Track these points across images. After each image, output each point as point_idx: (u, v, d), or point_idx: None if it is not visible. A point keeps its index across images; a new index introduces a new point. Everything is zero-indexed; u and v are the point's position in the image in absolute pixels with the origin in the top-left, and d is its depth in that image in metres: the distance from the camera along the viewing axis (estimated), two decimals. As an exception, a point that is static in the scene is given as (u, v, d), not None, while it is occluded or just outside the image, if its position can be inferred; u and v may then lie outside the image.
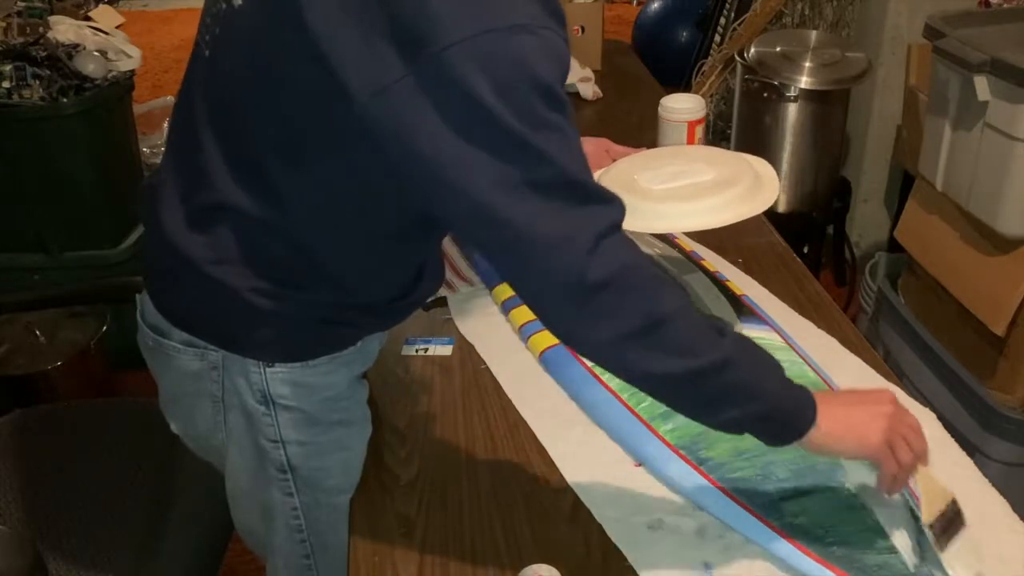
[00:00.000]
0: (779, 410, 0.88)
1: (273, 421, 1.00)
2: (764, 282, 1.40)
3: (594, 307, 0.81)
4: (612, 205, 0.82)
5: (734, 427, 0.89)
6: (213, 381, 1.00)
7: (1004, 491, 1.03)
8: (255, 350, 0.97)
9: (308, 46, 0.78)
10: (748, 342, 0.90)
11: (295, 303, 0.94)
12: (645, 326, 0.82)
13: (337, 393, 1.02)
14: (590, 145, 1.32)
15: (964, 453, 1.09)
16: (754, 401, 0.87)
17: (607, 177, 1.28)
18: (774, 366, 0.89)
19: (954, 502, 0.96)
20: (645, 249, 1.43)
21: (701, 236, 1.52)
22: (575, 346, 0.88)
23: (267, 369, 0.97)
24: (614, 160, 1.35)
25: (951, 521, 0.95)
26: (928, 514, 0.94)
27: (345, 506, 1.07)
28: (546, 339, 1.23)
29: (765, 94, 2.34)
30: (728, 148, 2.68)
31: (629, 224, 0.89)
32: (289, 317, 0.95)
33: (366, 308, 0.99)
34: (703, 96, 2.79)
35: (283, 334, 0.96)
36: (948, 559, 0.92)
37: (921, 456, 0.94)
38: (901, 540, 0.95)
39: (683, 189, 1.22)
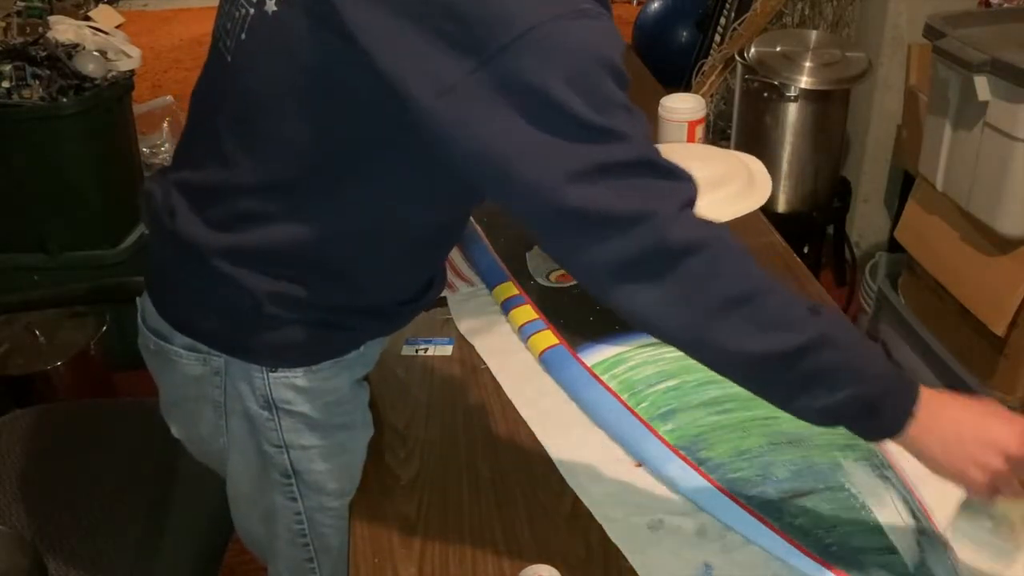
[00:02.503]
0: (879, 398, 0.80)
1: (276, 426, 1.00)
2: (764, 282, 1.40)
3: (679, 277, 0.77)
4: (686, 181, 0.80)
5: (829, 416, 0.82)
6: (215, 386, 0.99)
7: (1004, 491, 1.03)
8: (259, 355, 0.97)
9: (358, 54, 0.77)
10: (846, 322, 0.85)
11: (302, 307, 0.94)
12: (735, 297, 0.77)
13: (339, 397, 1.01)
14: None
15: (964, 453, 1.09)
16: (852, 385, 0.79)
17: None
18: (875, 349, 0.83)
19: None
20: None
21: (701, 236, 1.52)
22: (659, 327, 0.82)
23: (270, 374, 0.97)
24: None
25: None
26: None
27: (343, 508, 1.07)
28: (546, 339, 1.23)
29: (765, 94, 2.34)
30: (728, 148, 2.68)
31: None
32: (295, 321, 0.94)
33: (373, 311, 0.99)
34: (703, 96, 2.78)
35: (288, 339, 0.96)
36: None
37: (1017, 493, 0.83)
38: (902, 540, 0.95)
39: None
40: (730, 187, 1.20)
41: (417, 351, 1.27)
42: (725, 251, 0.79)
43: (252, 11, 0.87)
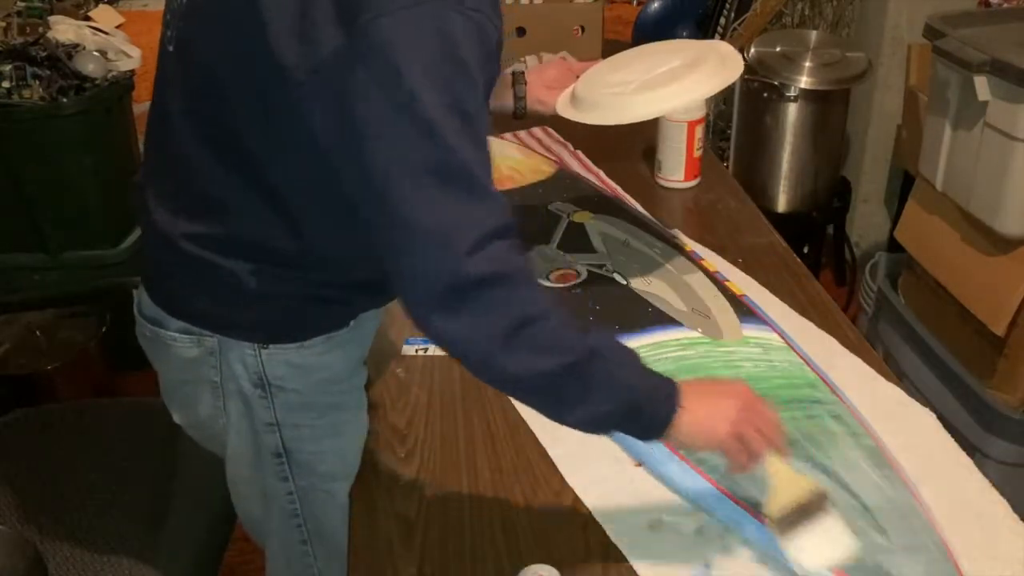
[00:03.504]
0: (647, 401, 0.88)
1: (269, 404, 1.02)
2: (764, 282, 1.40)
3: (468, 304, 0.80)
4: (502, 209, 0.82)
5: (603, 426, 0.90)
6: (211, 367, 1.01)
7: (1004, 491, 1.03)
8: (250, 332, 0.99)
9: (257, 25, 0.81)
10: (612, 338, 0.91)
11: (288, 283, 0.96)
12: (515, 326, 0.81)
13: (333, 375, 1.03)
14: (553, 69, 1.37)
15: (964, 453, 1.09)
16: (623, 392, 0.87)
17: (582, 84, 1.30)
18: (637, 359, 0.89)
19: (818, 494, 0.95)
20: (644, 249, 1.43)
21: (701, 236, 1.52)
22: (443, 343, 0.85)
23: (262, 351, 0.99)
24: (578, 76, 1.36)
25: (805, 512, 0.93)
26: (776, 506, 0.93)
27: (341, 494, 1.09)
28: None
29: (765, 94, 2.34)
30: (728, 148, 2.68)
31: (628, 117, 1.06)
32: (282, 297, 0.96)
33: (359, 286, 1.00)
34: (703, 96, 2.78)
35: (277, 314, 0.98)
36: (795, 550, 0.92)
37: (775, 448, 0.93)
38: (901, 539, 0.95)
39: (657, 77, 1.25)
40: (704, 67, 1.23)
41: (417, 351, 1.27)
42: (516, 282, 0.82)
43: (183, 1, 0.92)
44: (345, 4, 0.77)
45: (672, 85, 1.22)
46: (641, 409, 0.88)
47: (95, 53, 2.22)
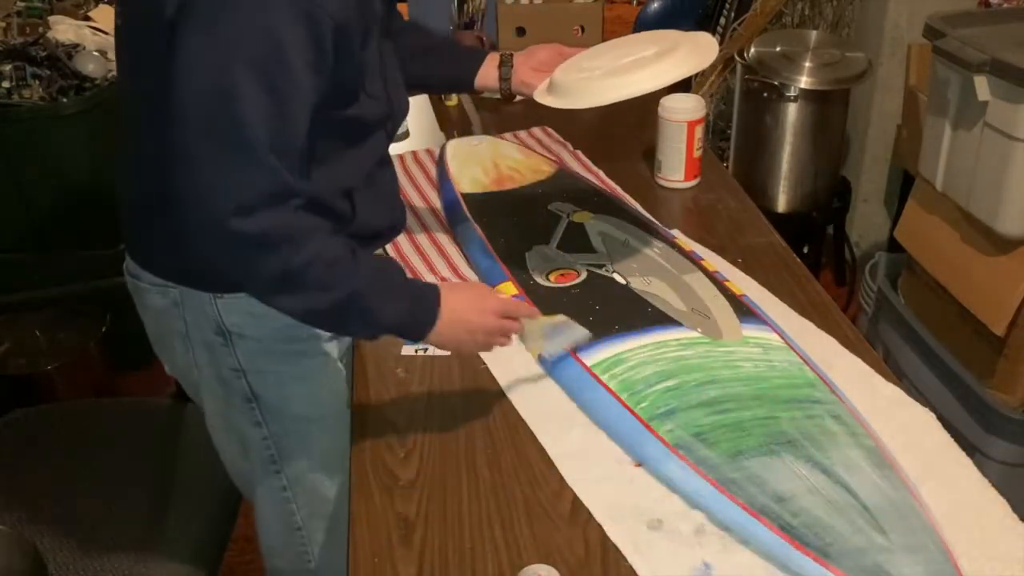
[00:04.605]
0: (407, 323, 1.05)
1: (232, 351, 1.09)
2: (764, 282, 1.40)
3: (232, 251, 0.92)
4: (279, 178, 0.92)
5: (373, 336, 1.11)
6: (177, 318, 1.09)
7: (1004, 491, 1.03)
8: (205, 283, 1.06)
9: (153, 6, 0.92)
10: (372, 271, 1.03)
11: None
12: (278, 277, 0.94)
13: (288, 323, 1.06)
14: (543, 51, 1.39)
15: (964, 453, 1.09)
16: (384, 318, 1.02)
17: (557, 74, 1.32)
18: (398, 284, 1.05)
19: (565, 320, 1.17)
20: (644, 249, 1.43)
21: (701, 236, 1.52)
22: (229, 278, 0.99)
23: (218, 300, 1.06)
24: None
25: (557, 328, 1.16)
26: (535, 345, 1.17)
27: (317, 438, 1.15)
28: (546, 339, 1.23)
29: (765, 94, 2.34)
30: (728, 148, 2.68)
31: (588, 102, 1.14)
32: None
33: None
34: (703, 96, 2.78)
35: None
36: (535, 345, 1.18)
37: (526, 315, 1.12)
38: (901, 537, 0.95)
39: (627, 64, 1.27)
40: (674, 55, 1.25)
41: (417, 351, 1.27)
42: (279, 242, 0.93)
43: None
44: None
45: (637, 72, 1.23)
46: (402, 326, 1.05)
47: (95, 53, 2.22)
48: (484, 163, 1.68)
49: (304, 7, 0.89)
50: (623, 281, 1.36)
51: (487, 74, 1.36)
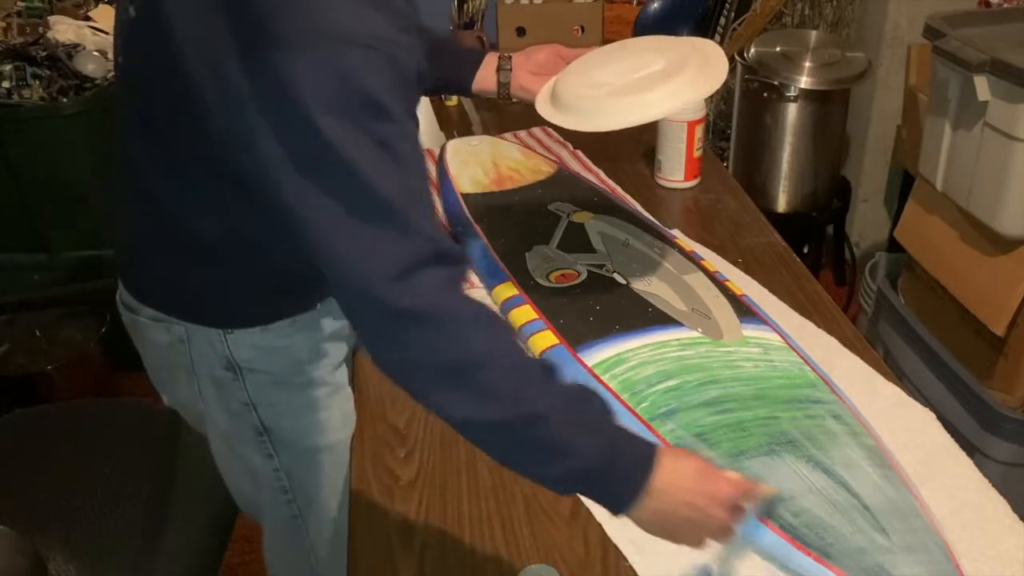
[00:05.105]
0: (605, 471, 0.80)
1: (242, 386, 1.04)
2: (764, 282, 1.40)
3: (396, 342, 0.77)
4: (430, 241, 0.78)
5: (557, 485, 0.83)
6: (182, 353, 1.04)
7: (1004, 491, 1.03)
8: (214, 319, 1.01)
9: (177, 53, 0.81)
10: (573, 396, 0.83)
11: (244, 272, 0.98)
12: (444, 368, 0.77)
13: (301, 355, 1.04)
14: (543, 53, 1.33)
15: (964, 453, 1.09)
16: (570, 459, 0.79)
17: (562, 79, 1.27)
18: (602, 422, 0.82)
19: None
20: (644, 249, 1.43)
21: (701, 236, 1.52)
22: (391, 378, 0.82)
23: (228, 336, 1.01)
24: (568, 63, 1.33)
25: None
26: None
27: (328, 464, 1.11)
28: (546, 339, 1.23)
29: (765, 94, 2.34)
30: (728, 148, 2.68)
31: (596, 126, 1.03)
32: (240, 285, 0.99)
33: (306, 268, 1.00)
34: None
35: (237, 302, 1.00)
36: None
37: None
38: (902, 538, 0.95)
39: (635, 82, 1.20)
40: (685, 72, 1.18)
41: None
42: (448, 320, 0.78)
43: (124, 16, 0.92)
44: (246, 42, 0.75)
45: (649, 92, 1.18)
46: (597, 480, 0.81)
47: (95, 53, 2.22)
48: (484, 163, 1.68)
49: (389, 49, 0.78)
50: (623, 281, 1.36)
51: (485, 77, 1.33)
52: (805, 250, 2.58)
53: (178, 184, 0.93)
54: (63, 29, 2.24)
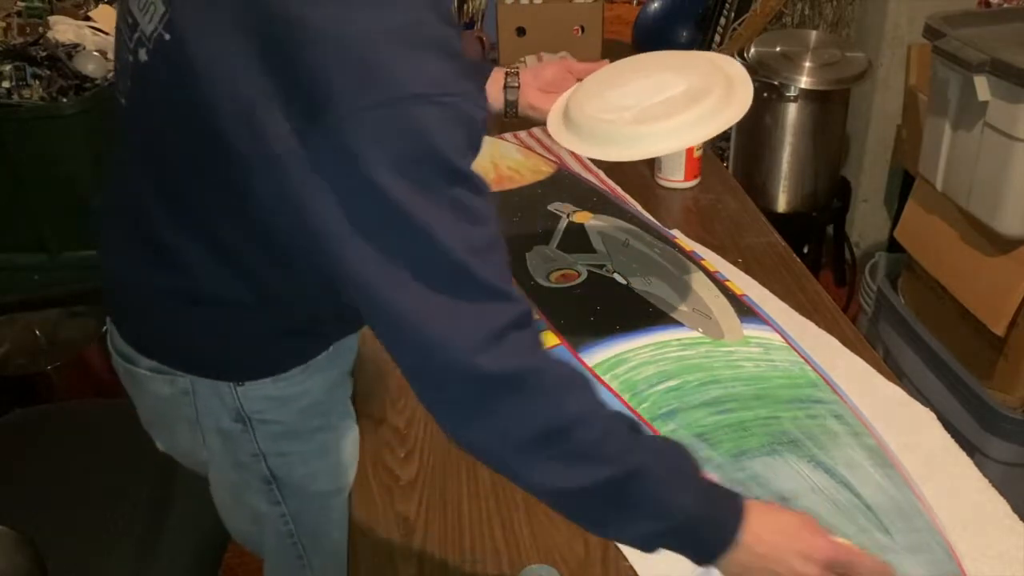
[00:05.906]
0: (697, 527, 0.77)
1: (252, 437, 0.98)
2: (764, 282, 1.40)
3: (485, 412, 0.72)
4: (511, 302, 0.74)
5: (649, 543, 0.79)
6: (186, 405, 0.97)
7: (1004, 491, 1.03)
8: (223, 372, 0.95)
9: (205, 109, 0.74)
10: (665, 445, 0.81)
11: (255, 324, 0.92)
12: (537, 436, 0.73)
13: (314, 400, 0.99)
14: (551, 69, 1.27)
15: (964, 453, 1.09)
16: (667, 516, 0.76)
17: (576, 99, 1.19)
18: (691, 477, 0.79)
19: None
20: (644, 249, 1.43)
21: (701, 236, 1.52)
22: (474, 453, 0.77)
23: (238, 388, 0.95)
24: (579, 80, 1.26)
25: None
26: None
27: (337, 505, 1.06)
28: (547, 339, 1.23)
29: (765, 94, 2.34)
30: (728, 148, 2.68)
31: (613, 155, 0.97)
32: (251, 337, 0.93)
33: (333, 317, 0.97)
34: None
35: (247, 354, 0.94)
36: None
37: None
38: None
39: (657, 107, 1.13)
40: (708, 100, 1.12)
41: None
42: (537, 386, 0.73)
43: (131, 58, 0.85)
44: (300, 102, 0.69)
45: (673, 119, 1.11)
46: (689, 534, 0.78)
47: (95, 53, 2.22)
48: (484, 163, 1.67)
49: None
50: (623, 281, 1.36)
51: (490, 95, 1.27)
52: (805, 250, 2.57)
53: (195, 238, 0.86)
54: (63, 29, 2.24)
